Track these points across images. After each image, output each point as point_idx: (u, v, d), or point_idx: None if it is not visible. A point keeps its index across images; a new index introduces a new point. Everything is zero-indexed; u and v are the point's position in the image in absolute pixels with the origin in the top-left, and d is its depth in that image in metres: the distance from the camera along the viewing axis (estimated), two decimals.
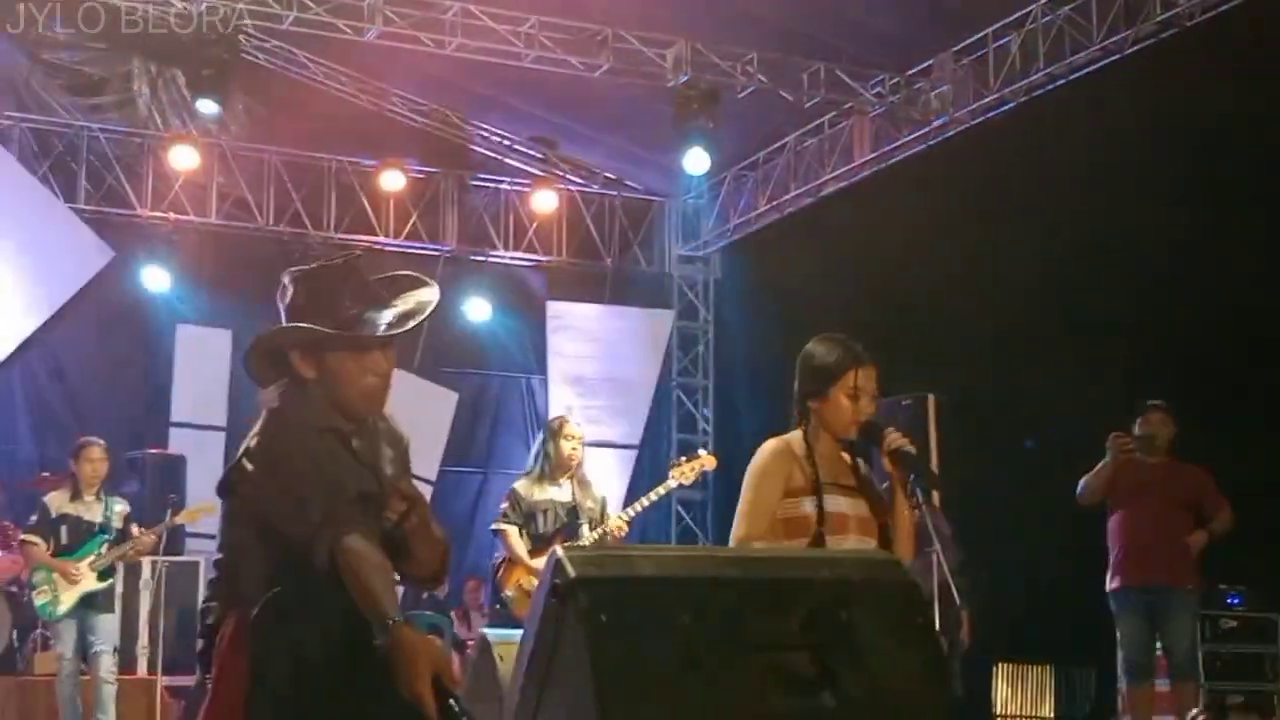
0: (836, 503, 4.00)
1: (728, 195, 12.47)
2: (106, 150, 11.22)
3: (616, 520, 7.28)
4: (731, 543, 4.13)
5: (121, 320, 11.25)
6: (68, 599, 8.21)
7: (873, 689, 2.87)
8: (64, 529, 8.31)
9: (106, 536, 8.34)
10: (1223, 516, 7.48)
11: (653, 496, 7.67)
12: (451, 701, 2.96)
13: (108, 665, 8.25)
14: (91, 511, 8.37)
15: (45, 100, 11.07)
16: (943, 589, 7.53)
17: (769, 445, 4.12)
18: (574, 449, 7.26)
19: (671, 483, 7.55)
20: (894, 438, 4.01)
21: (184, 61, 9.59)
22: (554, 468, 7.23)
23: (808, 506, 3.99)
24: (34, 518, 8.42)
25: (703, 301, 13.12)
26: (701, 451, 7.80)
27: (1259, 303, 8.66)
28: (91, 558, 8.27)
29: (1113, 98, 8.97)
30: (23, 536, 8.45)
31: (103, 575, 8.30)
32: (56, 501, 8.39)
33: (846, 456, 4.11)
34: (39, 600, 8.25)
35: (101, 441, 8.46)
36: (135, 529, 8.43)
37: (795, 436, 4.11)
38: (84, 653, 8.31)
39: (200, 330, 11.17)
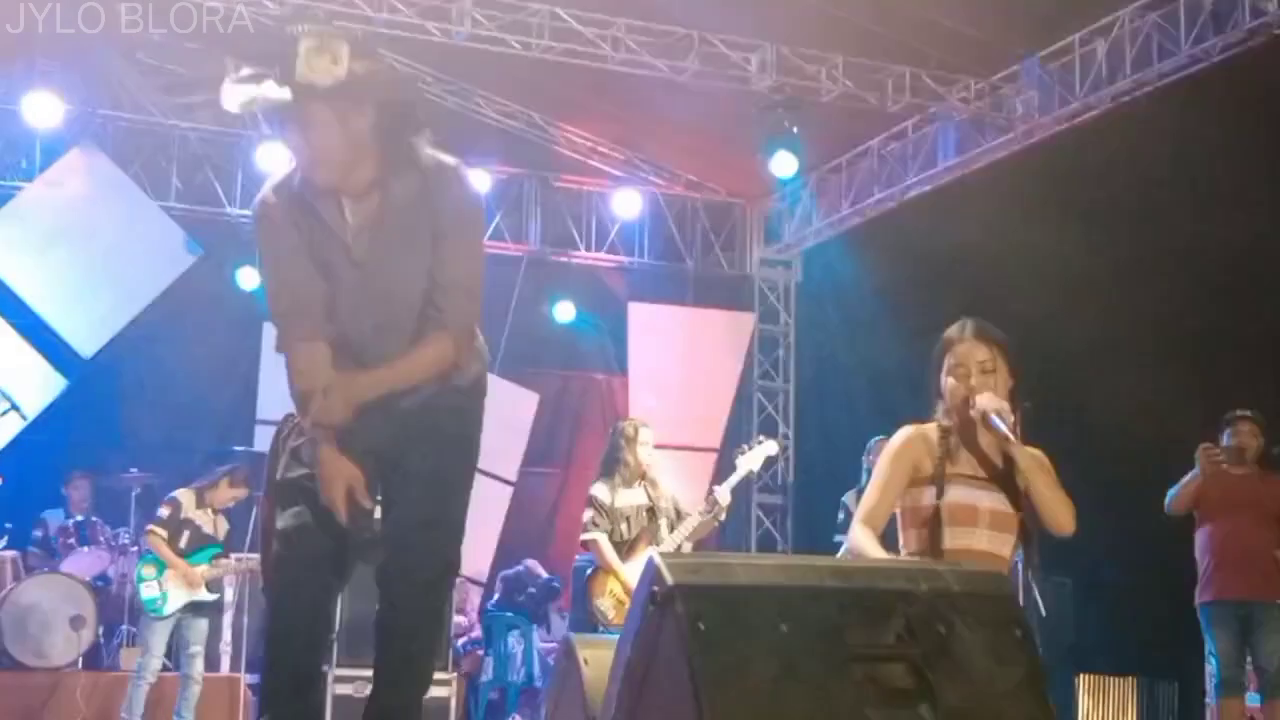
0: (965, 494, 3.92)
1: (811, 198, 12.44)
2: (197, 149, 11.39)
3: (721, 490, 7.30)
4: (855, 519, 4.05)
5: (210, 318, 11.41)
6: (177, 599, 8.37)
7: (970, 702, 2.86)
8: (187, 533, 8.51)
9: (218, 550, 8.53)
10: None
11: (734, 480, 7.59)
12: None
13: (199, 667, 8.44)
14: (210, 523, 8.57)
15: (138, 99, 11.26)
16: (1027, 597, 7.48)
17: (903, 429, 4.05)
18: (650, 455, 7.32)
19: (742, 470, 7.58)
20: (983, 400, 3.90)
21: (276, 63, 9.67)
22: (631, 474, 7.29)
23: (928, 497, 3.94)
24: (164, 511, 8.57)
25: (784, 304, 13.10)
26: (763, 437, 7.86)
27: None
28: (204, 567, 8.44)
29: (1200, 104, 8.86)
30: (151, 527, 8.58)
31: (210, 587, 8.48)
32: (187, 501, 8.57)
33: (992, 444, 3.97)
34: (146, 594, 8.39)
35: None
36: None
37: (932, 425, 4.03)
38: (169, 654, 8.47)
39: None
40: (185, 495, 8.60)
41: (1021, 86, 10.08)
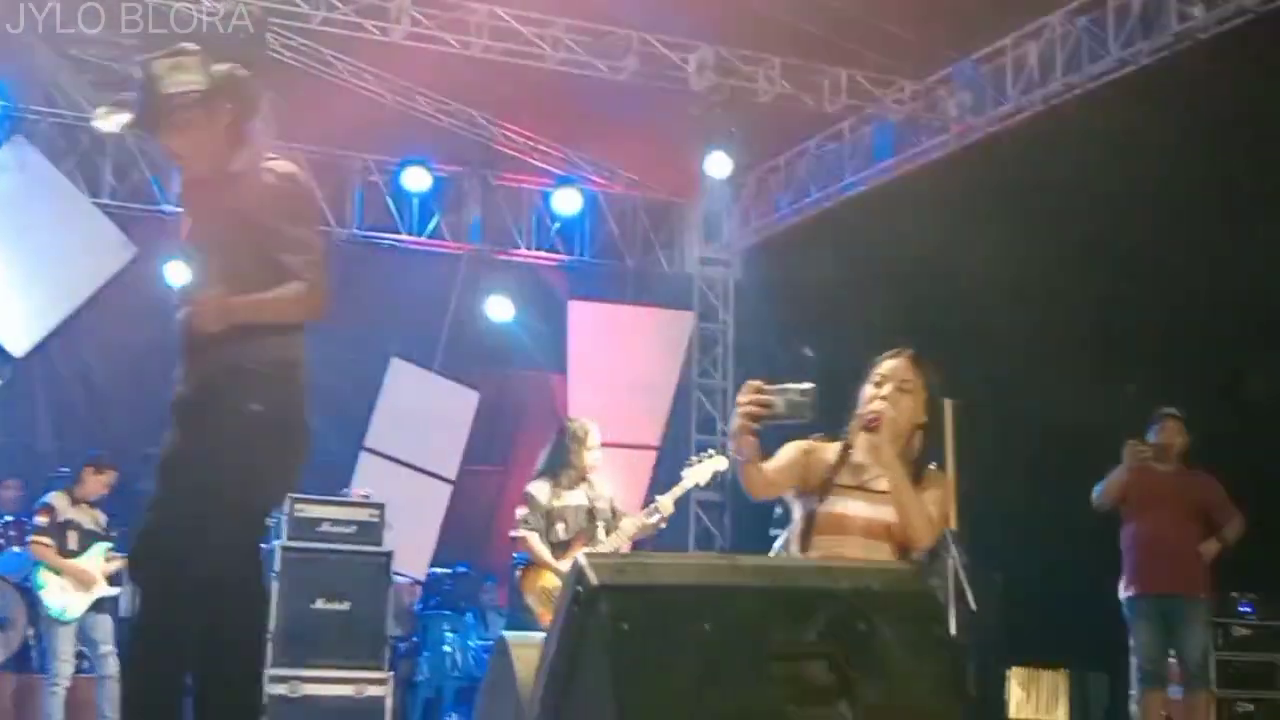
0: (840, 504, 4.02)
1: (749, 198, 12.51)
2: (131, 146, 11.30)
3: (664, 500, 7.31)
4: None
5: (144, 316, 11.27)
6: (80, 602, 8.25)
7: (889, 698, 2.92)
8: (73, 534, 8.37)
9: (109, 544, 8.40)
10: (1234, 525, 7.53)
11: (677, 492, 7.59)
12: None
13: (115, 665, 8.22)
14: (90, 519, 8.45)
15: (72, 96, 11.14)
16: (958, 591, 7.59)
17: (808, 442, 4.15)
18: (596, 459, 7.31)
19: (687, 482, 7.55)
20: (875, 404, 4.03)
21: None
22: (575, 475, 7.27)
23: (809, 505, 4.06)
24: (42, 519, 8.39)
25: (723, 303, 13.15)
26: (713, 451, 7.79)
27: (1277, 313, 8.69)
28: (100, 562, 8.31)
29: (1132, 105, 9.00)
30: (34, 537, 8.39)
31: (112, 581, 8.36)
32: (61, 504, 8.42)
33: (898, 455, 4.03)
34: (49, 600, 8.23)
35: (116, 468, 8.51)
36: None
37: (836, 445, 4.13)
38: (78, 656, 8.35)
39: None
40: (57, 498, 8.44)
41: (955, 88, 10.19)
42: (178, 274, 10.95)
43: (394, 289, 11.73)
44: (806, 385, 3.82)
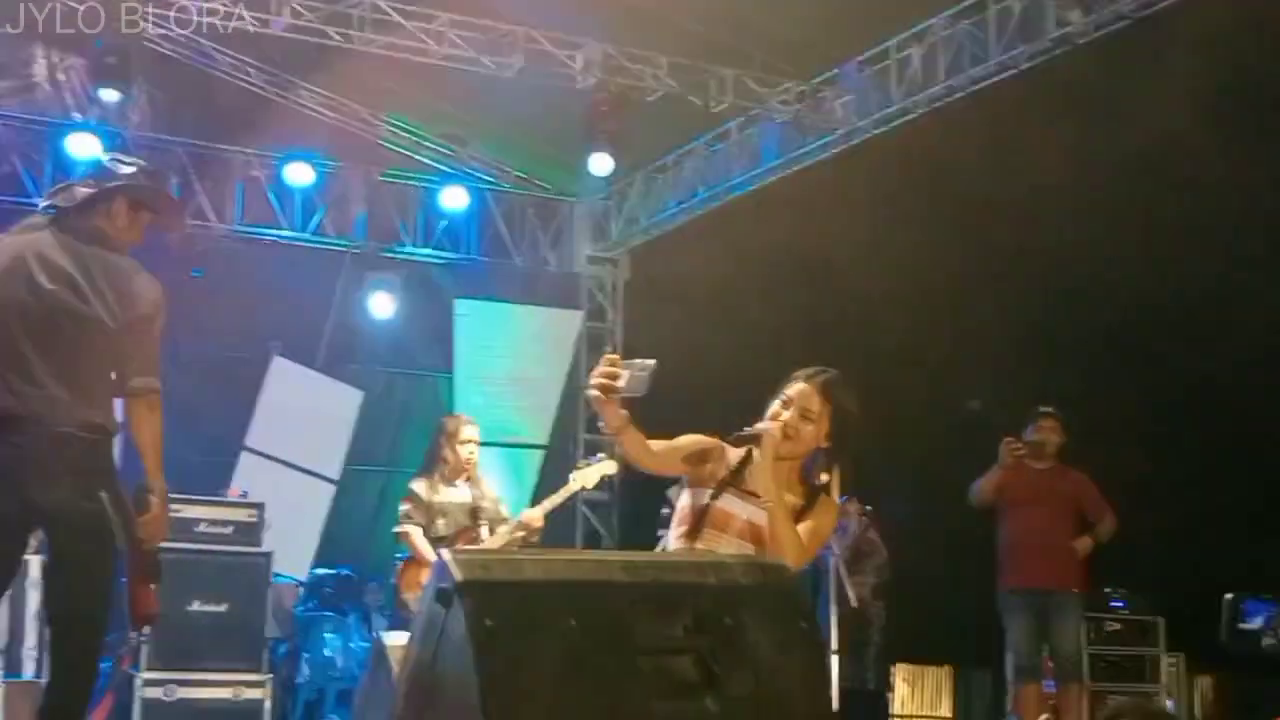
0: (731, 503, 4.07)
1: (638, 197, 12.51)
2: (3, 137, 11.00)
3: (534, 513, 7.26)
4: None
5: None
6: None
7: (755, 692, 2.91)
8: None
9: None
10: (1107, 521, 7.71)
11: (557, 499, 7.59)
12: None
13: None
14: None
15: None
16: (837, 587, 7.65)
17: (717, 439, 4.19)
18: (471, 453, 7.25)
19: (574, 485, 7.51)
20: (768, 436, 4.05)
21: (88, 49, 9.45)
22: (451, 471, 7.21)
23: (703, 498, 4.10)
24: None
25: (611, 302, 13.14)
26: (602, 455, 7.76)
27: (1150, 314, 8.89)
28: None
29: (1011, 109, 9.14)
30: None
31: None
32: None
33: (797, 476, 4.13)
34: None
35: None
36: None
37: (743, 450, 4.16)
38: None
39: None
40: None
41: (841, 90, 10.27)
42: None
43: (276, 286, 11.52)
44: (649, 362, 3.89)
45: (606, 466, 7.59)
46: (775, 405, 4.13)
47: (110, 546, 4.41)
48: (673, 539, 4.14)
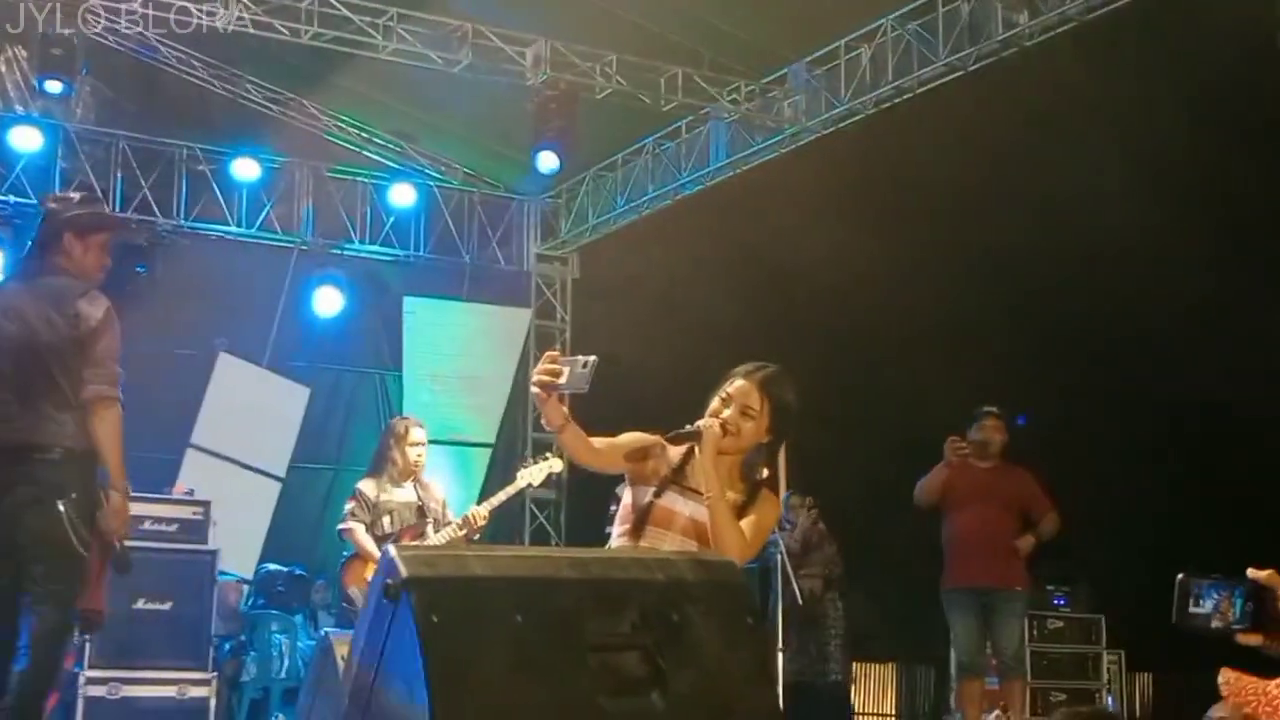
0: (673, 500, 4.07)
1: (587, 195, 12.51)
2: None
3: (479, 509, 7.26)
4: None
5: None
6: None
7: (701, 688, 2.92)
8: None
9: None
10: (1049, 519, 7.76)
11: (503, 496, 7.63)
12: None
13: None
14: None
15: None
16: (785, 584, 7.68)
17: (659, 437, 4.18)
18: (419, 455, 7.25)
19: (520, 483, 7.54)
20: (709, 433, 4.04)
21: (30, 40, 9.35)
22: (399, 472, 7.23)
23: (646, 496, 4.10)
24: None
25: (560, 300, 13.13)
26: (549, 454, 7.78)
27: (1095, 311, 8.99)
28: None
29: (958, 110, 9.22)
30: None
31: None
32: None
33: (738, 472, 4.12)
34: None
35: None
36: None
37: (683, 448, 4.14)
38: None
39: None
40: None
41: (790, 90, 10.32)
42: None
43: (222, 282, 11.46)
44: (590, 358, 3.89)
45: (553, 464, 7.62)
46: (715, 402, 4.12)
47: (69, 554, 4.82)
48: (615, 537, 4.14)
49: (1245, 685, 2.91)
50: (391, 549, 2.89)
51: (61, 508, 4.79)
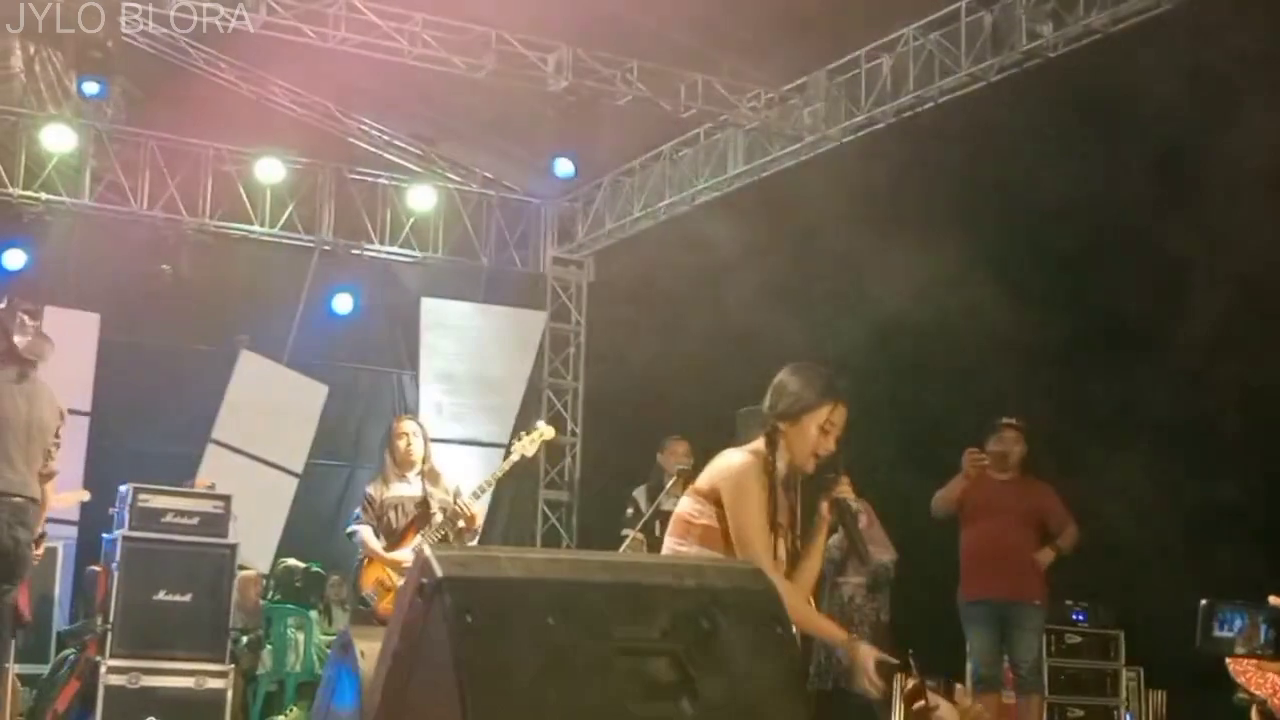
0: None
1: (604, 200, 12.57)
2: None
3: (465, 501, 7.35)
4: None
5: None
6: None
7: (730, 696, 2.94)
8: None
9: None
10: (1069, 533, 7.72)
11: (498, 473, 7.84)
12: None
13: None
14: None
15: None
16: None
17: (749, 467, 4.08)
18: (408, 446, 7.36)
19: (515, 456, 7.68)
20: (843, 487, 4.13)
21: (67, 42, 9.46)
22: (397, 465, 7.35)
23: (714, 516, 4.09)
24: None
25: (575, 304, 13.19)
26: (540, 424, 7.93)
27: (1118, 323, 8.99)
28: None
29: (981, 121, 9.24)
30: None
31: None
32: None
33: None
34: None
35: None
36: None
37: (758, 456, 4.11)
38: None
39: (67, 313, 10.95)
40: None
41: (809, 98, 10.36)
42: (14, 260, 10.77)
43: (245, 280, 11.58)
44: None
45: (545, 432, 7.84)
46: (815, 433, 4.08)
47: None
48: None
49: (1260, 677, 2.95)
50: (426, 549, 2.95)
51: (22, 535, 6.77)
